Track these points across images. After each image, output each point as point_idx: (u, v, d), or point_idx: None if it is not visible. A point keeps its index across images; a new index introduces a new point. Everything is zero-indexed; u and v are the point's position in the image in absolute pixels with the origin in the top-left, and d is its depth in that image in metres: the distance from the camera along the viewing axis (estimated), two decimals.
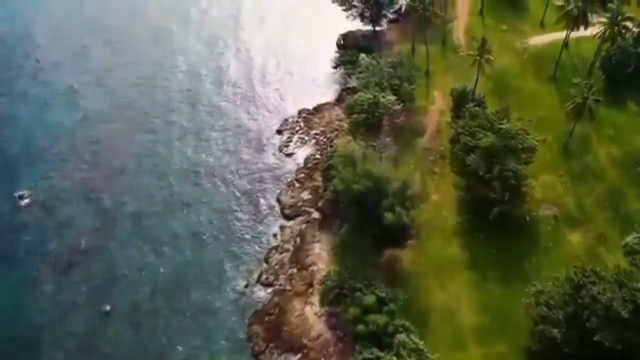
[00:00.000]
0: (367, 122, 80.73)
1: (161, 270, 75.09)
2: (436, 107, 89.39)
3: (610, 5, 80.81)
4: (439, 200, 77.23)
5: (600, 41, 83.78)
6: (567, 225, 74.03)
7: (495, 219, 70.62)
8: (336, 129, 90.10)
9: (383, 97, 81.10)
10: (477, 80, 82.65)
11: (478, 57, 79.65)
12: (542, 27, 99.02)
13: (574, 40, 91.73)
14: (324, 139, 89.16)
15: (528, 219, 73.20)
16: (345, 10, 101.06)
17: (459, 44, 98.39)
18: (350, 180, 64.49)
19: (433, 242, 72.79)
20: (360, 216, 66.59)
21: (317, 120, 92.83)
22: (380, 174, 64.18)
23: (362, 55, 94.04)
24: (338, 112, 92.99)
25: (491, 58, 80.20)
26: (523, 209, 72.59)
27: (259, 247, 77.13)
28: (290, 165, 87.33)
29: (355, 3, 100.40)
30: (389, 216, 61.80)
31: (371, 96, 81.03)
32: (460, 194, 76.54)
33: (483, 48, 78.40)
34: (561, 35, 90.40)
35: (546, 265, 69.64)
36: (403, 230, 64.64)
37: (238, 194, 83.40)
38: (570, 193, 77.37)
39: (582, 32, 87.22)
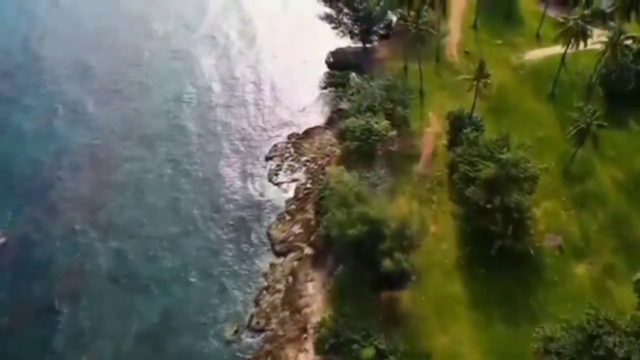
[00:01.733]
0: (360, 150, 76.97)
1: (144, 314, 70.29)
2: (432, 130, 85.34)
3: (611, 24, 77.18)
4: (437, 232, 73.22)
5: (599, 58, 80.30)
6: (572, 257, 70.30)
7: (497, 252, 67.06)
8: (327, 155, 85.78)
9: (376, 122, 77.29)
10: (474, 103, 78.79)
11: (475, 82, 75.68)
12: (538, 40, 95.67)
13: (571, 55, 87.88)
14: (315, 166, 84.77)
15: (532, 251, 69.55)
16: (334, 27, 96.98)
17: (453, 61, 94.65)
18: (344, 224, 60.35)
19: (433, 279, 68.72)
20: (356, 259, 62.47)
21: (307, 146, 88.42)
22: (376, 215, 60.01)
23: (353, 75, 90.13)
24: (329, 136, 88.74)
25: (489, 82, 76.30)
26: (526, 242, 68.90)
27: (249, 287, 72.61)
28: (280, 195, 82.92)
29: (344, 20, 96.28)
30: (387, 263, 57.74)
31: (364, 122, 77.21)
32: (460, 223, 72.70)
33: (481, 72, 74.44)
34: (558, 49, 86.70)
35: (552, 301, 66.00)
36: (402, 275, 60.63)
37: (226, 228, 78.76)
38: (573, 221, 73.71)
39: (580, 46, 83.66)
